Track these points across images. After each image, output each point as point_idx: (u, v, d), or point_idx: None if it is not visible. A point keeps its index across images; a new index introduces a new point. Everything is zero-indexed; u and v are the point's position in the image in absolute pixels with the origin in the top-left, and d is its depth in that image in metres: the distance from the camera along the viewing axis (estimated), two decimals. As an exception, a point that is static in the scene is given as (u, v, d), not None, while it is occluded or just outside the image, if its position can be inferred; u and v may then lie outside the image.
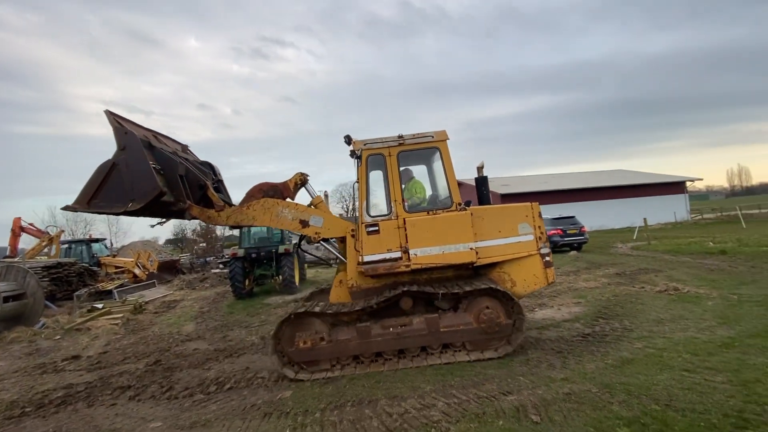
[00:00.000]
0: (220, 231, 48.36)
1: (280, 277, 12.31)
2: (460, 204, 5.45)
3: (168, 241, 55.03)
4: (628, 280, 9.42)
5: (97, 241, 21.03)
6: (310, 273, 17.15)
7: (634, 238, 20.60)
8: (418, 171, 6.33)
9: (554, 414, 3.48)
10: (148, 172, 5.07)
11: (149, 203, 5.06)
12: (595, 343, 5.26)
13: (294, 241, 15.75)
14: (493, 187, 33.33)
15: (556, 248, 17.44)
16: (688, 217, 33.83)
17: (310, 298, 6.55)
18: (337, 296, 5.71)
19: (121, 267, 18.45)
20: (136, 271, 18.13)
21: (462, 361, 4.96)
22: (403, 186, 5.68)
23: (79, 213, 15.71)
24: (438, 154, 5.66)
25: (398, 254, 5.26)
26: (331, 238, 5.92)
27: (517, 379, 4.30)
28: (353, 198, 5.95)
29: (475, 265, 5.35)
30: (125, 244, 37.09)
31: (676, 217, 32.26)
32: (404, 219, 5.33)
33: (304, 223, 5.72)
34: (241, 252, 12.21)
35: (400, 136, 5.55)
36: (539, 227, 5.47)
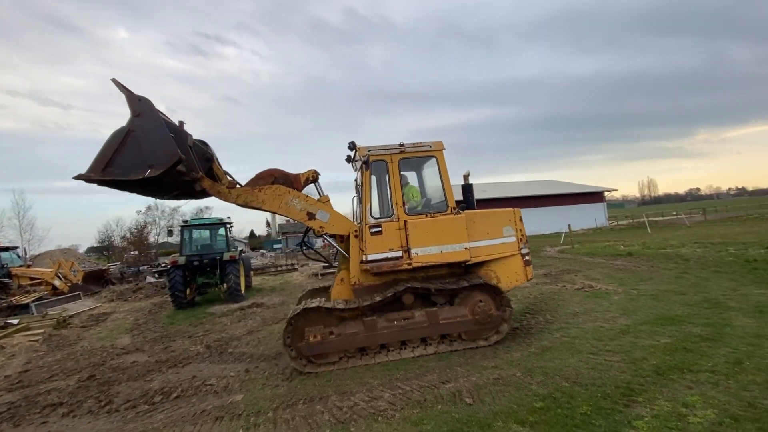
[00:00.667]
0: (153, 238, 45.08)
1: (225, 285, 11.98)
2: (455, 208, 5.88)
3: (91, 249, 50.02)
4: (553, 280, 10.52)
5: (6, 249, 18.72)
6: (256, 280, 16.76)
7: (561, 242, 22.70)
8: (414, 177, 6.68)
9: (485, 396, 3.99)
10: (167, 138, 4.99)
11: (168, 169, 4.85)
12: (522, 335, 5.96)
13: (240, 248, 15.41)
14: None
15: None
16: (606, 224, 37.85)
17: (306, 298, 6.62)
18: (338, 293, 5.93)
19: (38, 278, 16.63)
20: (56, 282, 16.46)
21: (458, 350, 5.48)
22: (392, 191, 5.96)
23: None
24: (435, 161, 6.04)
25: (399, 253, 5.58)
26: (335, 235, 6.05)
27: (455, 370, 4.79)
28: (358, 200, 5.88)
29: (468, 263, 5.83)
30: (41, 253, 33.17)
31: (596, 223, 35.99)
32: (405, 221, 5.66)
33: (311, 216, 5.91)
34: (182, 260, 11.70)
35: (401, 145, 5.91)
36: (520, 230, 6.14)
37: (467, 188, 6.49)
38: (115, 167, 4.91)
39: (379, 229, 5.61)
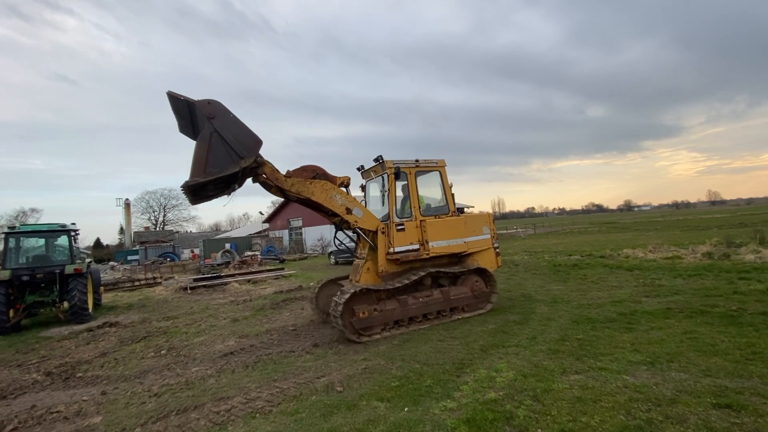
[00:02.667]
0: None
1: (68, 303, 10.18)
2: (454, 212, 7.67)
3: None
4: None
5: None
6: (107, 297, 14.51)
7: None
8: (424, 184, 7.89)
9: (354, 383, 4.63)
10: (247, 129, 5.68)
11: (256, 157, 5.66)
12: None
13: (88, 260, 13.18)
14: (321, 204, 35.32)
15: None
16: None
17: (323, 288, 8.12)
18: (366, 279, 7.02)
19: None
20: None
21: (463, 318, 7.17)
22: (406, 197, 7.42)
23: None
24: (439, 174, 7.72)
25: (417, 246, 7.09)
26: (364, 229, 7.04)
27: (330, 365, 5.34)
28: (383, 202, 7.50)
29: (464, 254, 7.58)
30: None
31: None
32: (421, 220, 7.19)
33: (349, 211, 6.87)
34: (4, 274, 9.53)
35: (417, 161, 7.47)
36: (493, 229, 8.17)
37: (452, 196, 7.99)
38: (212, 167, 5.46)
39: (403, 226, 7.05)
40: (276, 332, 7.50)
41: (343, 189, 7.03)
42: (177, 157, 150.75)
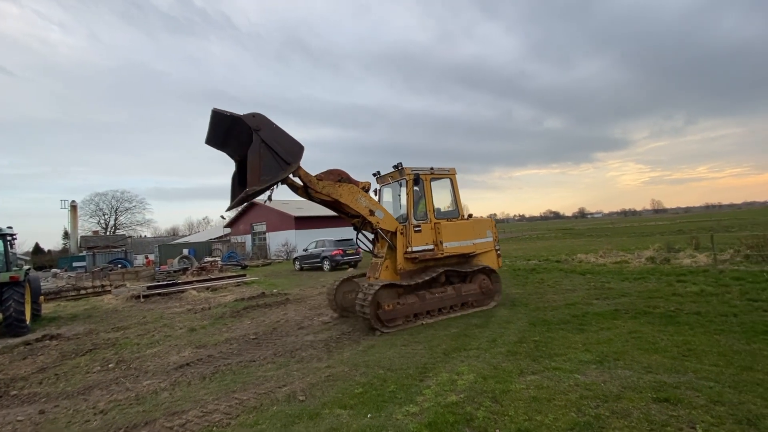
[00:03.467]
0: None
1: (1, 314, 9.29)
2: (463, 216, 8.43)
3: None
4: (385, 290, 12.09)
5: None
6: (48, 307, 13.38)
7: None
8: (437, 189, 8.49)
9: (316, 392, 4.57)
10: (289, 136, 6.24)
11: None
12: (354, 337, 6.84)
13: (26, 267, 12.12)
14: (288, 209, 34.61)
15: (338, 266, 19.96)
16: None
17: (341, 286, 8.68)
18: (385, 277, 7.54)
19: None
20: None
21: (473, 311, 7.88)
22: (419, 201, 7.97)
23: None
24: (450, 181, 8.46)
25: (432, 246, 7.71)
26: (383, 230, 7.54)
27: (292, 374, 5.23)
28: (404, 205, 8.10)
29: (471, 254, 8.27)
30: None
31: (425, 240, 42.05)
32: (435, 223, 7.83)
33: (372, 212, 7.39)
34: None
35: (432, 168, 8.08)
36: (494, 233, 8.86)
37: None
38: (265, 175, 6.02)
39: (420, 228, 7.66)
40: (236, 341, 7.25)
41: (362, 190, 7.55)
42: (129, 157, 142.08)
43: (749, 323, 5.87)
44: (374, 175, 8.64)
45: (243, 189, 6.67)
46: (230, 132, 6.45)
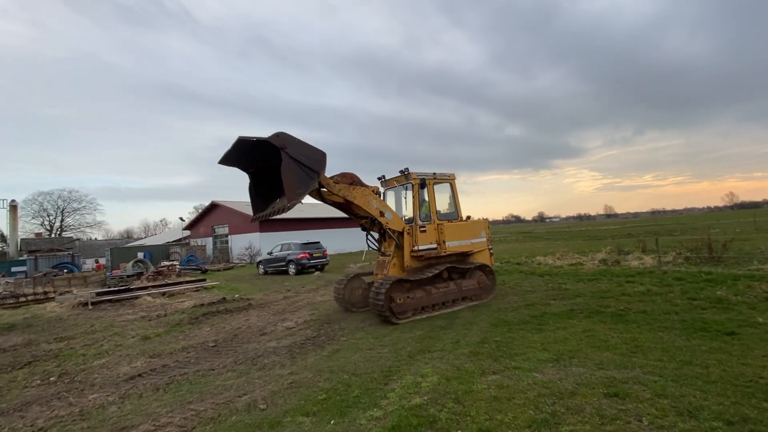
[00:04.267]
0: None
1: None
2: (462, 217, 9.23)
3: None
4: (351, 293, 12.00)
5: None
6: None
7: (363, 259, 25.65)
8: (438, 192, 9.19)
9: (278, 400, 4.44)
10: (312, 147, 6.64)
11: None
12: (318, 342, 6.73)
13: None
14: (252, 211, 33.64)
15: (304, 270, 19.60)
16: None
17: (349, 283, 9.20)
18: (393, 273, 8.10)
19: None
20: None
21: (473, 304, 8.59)
22: (423, 204, 8.55)
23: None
24: (450, 185, 9.24)
25: (435, 245, 8.40)
26: (392, 230, 8.12)
27: (253, 382, 5.06)
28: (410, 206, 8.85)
29: (469, 253, 9.05)
30: None
31: (392, 243, 42.26)
32: (438, 224, 8.51)
33: (382, 214, 7.95)
34: None
35: (434, 173, 8.80)
36: (488, 234, 9.64)
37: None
38: (300, 188, 6.51)
39: (425, 228, 8.31)
40: (194, 349, 6.93)
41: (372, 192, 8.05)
42: (78, 155, 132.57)
43: (689, 320, 6.35)
44: (379, 179, 9.29)
45: (262, 199, 7.60)
46: (248, 152, 6.94)
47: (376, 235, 8.80)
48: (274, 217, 7.08)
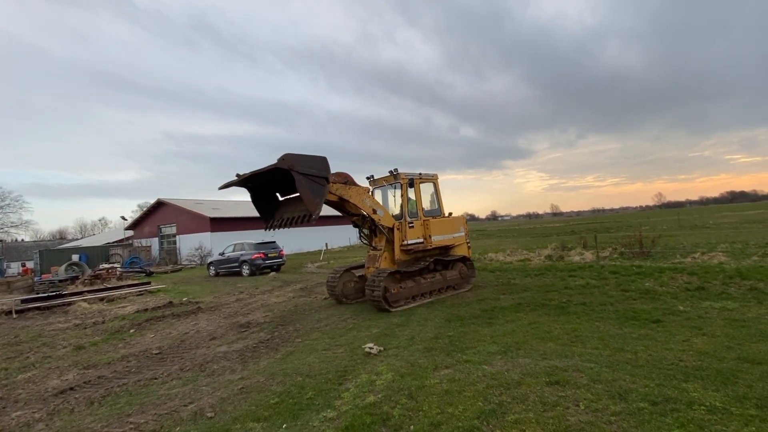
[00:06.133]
0: None
1: None
2: (444, 214, 10.05)
3: None
4: (307, 293, 11.81)
5: None
6: None
7: (321, 258, 25.32)
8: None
9: (227, 407, 4.27)
10: (313, 156, 7.24)
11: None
12: (272, 345, 6.55)
13: None
14: (202, 210, 32.01)
15: (259, 271, 18.97)
16: (359, 242, 44.75)
17: (341, 276, 9.64)
18: (385, 265, 8.74)
19: None
20: None
21: (456, 293, 9.52)
22: (410, 201, 9.19)
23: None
24: (433, 184, 10.07)
25: (422, 240, 9.15)
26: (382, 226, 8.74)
27: (200, 390, 4.82)
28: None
29: (450, 246, 9.83)
30: None
31: (351, 241, 42.05)
32: (424, 220, 9.25)
33: (374, 211, 8.50)
34: None
35: (420, 174, 9.49)
36: (466, 228, 10.54)
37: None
38: (317, 198, 7.14)
39: (413, 224, 8.98)
40: (135, 358, 6.48)
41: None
42: (2, 146, 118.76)
43: (622, 310, 6.91)
44: (368, 178, 9.91)
45: (269, 206, 8.30)
46: (251, 177, 7.53)
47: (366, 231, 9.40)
48: (296, 226, 7.71)
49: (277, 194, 8.44)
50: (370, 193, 9.53)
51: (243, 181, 7.82)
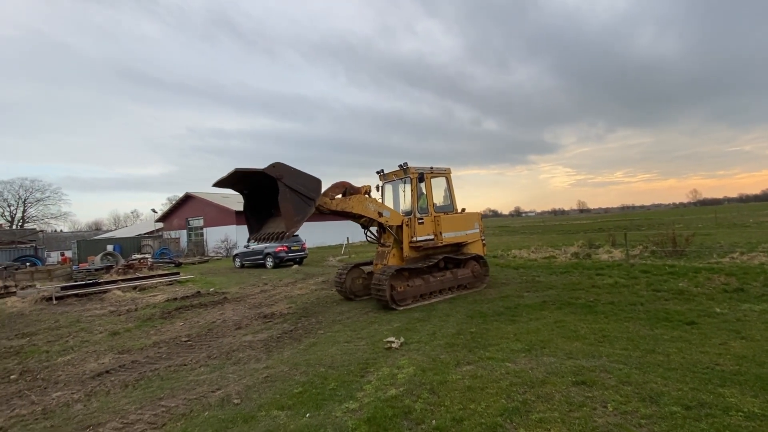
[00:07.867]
0: None
1: None
2: (457, 210, 9.72)
3: None
4: (329, 286, 11.95)
5: None
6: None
7: (342, 252, 25.56)
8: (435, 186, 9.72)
9: (253, 394, 4.38)
10: (307, 175, 6.91)
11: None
12: (295, 336, 6.68)
13: None
14: (228, 203, 32.87)
15: (282, 263, 19.35)
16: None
17: (349, 273, 9.47)
18: (393, 263, 8.48)
19: None
20: None
21: (467, 292, 9.10)
22: (421, 197, 8.98)
23: None
24: (446, 179, 9.75)
25: (432, 236, 8.79)
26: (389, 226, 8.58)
27: (227, 377, 4.97)
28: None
29: (463, 243, 9.49)
30: None
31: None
32: (435, 216, 8.93)
33: (380, 214, 8.35)
34: None
35: (432, 168, 9.20)
36: (481, 225, 10.08)
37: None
38: (297, 215, 6.76)
39: (422, 220, 8.68)
40: (165, 344, 6.74)
41: (366, 196, 8.34)
42: (33, 142, 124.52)
43: (653, 311, 6.65)
44: (378, 173, 9.71)
45: (257, 219, 7.80)
46: (243, 177, 7.14)
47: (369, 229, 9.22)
48: (272, 242, 7.43)
49: (273, 210, 7.79)
50: (380, 188, 9.64)
51: (238, 185, 7.51)
